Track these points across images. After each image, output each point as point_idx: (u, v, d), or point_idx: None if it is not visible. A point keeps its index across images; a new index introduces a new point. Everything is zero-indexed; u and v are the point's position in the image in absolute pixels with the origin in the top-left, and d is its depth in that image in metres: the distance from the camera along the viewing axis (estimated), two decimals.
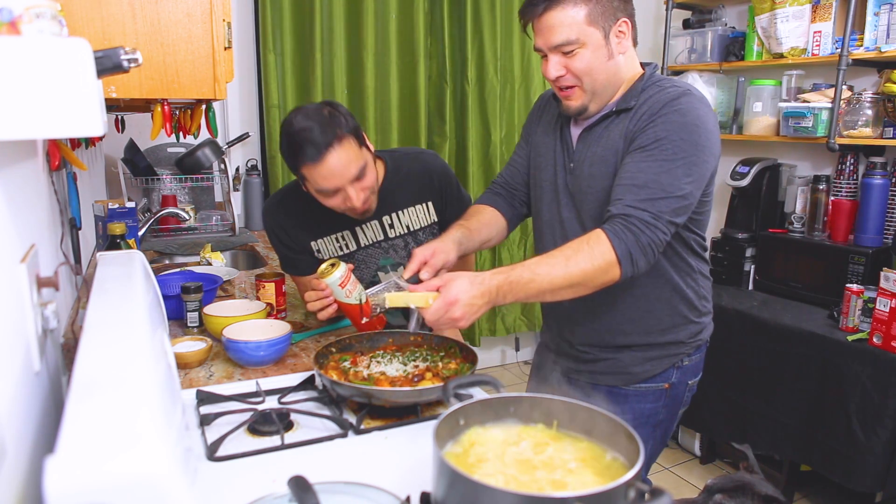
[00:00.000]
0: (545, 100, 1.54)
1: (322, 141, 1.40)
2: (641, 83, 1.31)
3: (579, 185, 1.37)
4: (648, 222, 1.17)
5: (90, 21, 1.14)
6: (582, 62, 1.25)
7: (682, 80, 1.34)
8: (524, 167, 1.55)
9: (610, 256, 1.16)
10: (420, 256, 1.31)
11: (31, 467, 0.74)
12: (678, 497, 2.29)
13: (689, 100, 1.24)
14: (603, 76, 1.28)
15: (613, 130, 1.31)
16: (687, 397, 1.50)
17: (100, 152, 2.88)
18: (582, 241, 1.18)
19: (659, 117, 1.23)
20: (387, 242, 1.68)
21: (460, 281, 1.12)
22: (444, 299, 1.11)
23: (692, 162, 1.21)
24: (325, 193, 1.48)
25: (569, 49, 1.24)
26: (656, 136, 1.22)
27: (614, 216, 1.19)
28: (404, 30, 3.23)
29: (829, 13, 2.56)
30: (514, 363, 3.97)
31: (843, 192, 2.58)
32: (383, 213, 1.64)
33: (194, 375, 1.38)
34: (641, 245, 1.17)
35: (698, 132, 1.22)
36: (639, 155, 1.23)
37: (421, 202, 1.67)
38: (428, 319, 1.13)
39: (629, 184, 1.21)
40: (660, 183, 1.19)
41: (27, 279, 0.82)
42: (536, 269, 1.15)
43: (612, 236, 1.16)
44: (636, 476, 0.70)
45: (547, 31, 1.25)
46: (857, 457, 2.10)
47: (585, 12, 1.22)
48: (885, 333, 2.05)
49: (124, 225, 1.69)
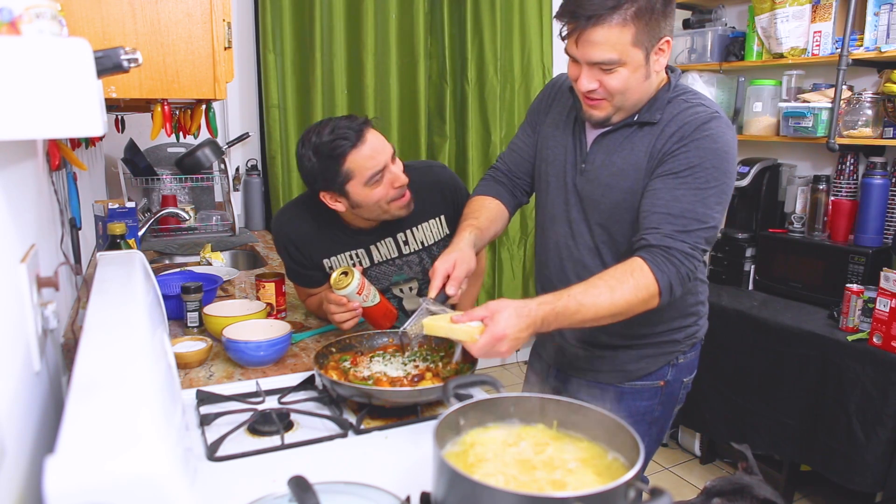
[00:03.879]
0: (556, 88, 1.48)
1: (355, 126, 1.43)
2: (666, 94, 1.28)
3: (592, 191, 1.35)
4: (687, 253, 1.19)
5: (90, 21, 1.14)
6: (618, 81, 1.21)
7: (705, 97, 1.32)
8: (528, 155, 1.51)
9: (653, 289, 1.17)
10: (442, 271, 1.27)
11: (31, 467, 0.74)
12: (678, 497, 2.29)
13: (719, 124, 1.24)
14: (636, 96, 1.25)
15: (637, 144, 1.29)
16: (682, 395, 1.50)
17: (100, 152, 2.88)
18: (625, 272, 1.17)
19: (691, 141, 1.22)
20: (401, 259, 1.66)
21: (506, 313, 1.08)
22: (491, 335, 1.07)
23: (722, 190, 1.23)
24: (373, 180, 1.44)
25: (608, 67, 1.19)
26: (689, 163, 1.22)
27: (654, 246, 1.19)
28: (404, 30, 3.23)
29: (829, 13, 2.56)
30: (514, 363, 3.97)
31: (843, 192, 2.58)
32: (398, 231, 1.62)
33: (194, 375, 1.38)
34: (681, 276, 1.19)
35: (727, 159, 1.23)
36: (671, 181, 1.22)
37: (434, 217, 1.65)
38: (475, 354, 1.10)
39: (665, 212, 1.21)
40: (695, 213, 1.20)
41: (27, 279, 0.82)
42: (582, 300, 1.14)
43: (655, 269, 1.17)
44: (636, 476, 0.71)
45: (589, 46, 1.18)
46: (857, 457, 2.10)
47: (632, 33, 1.16)
48: (885, 333, 2.05)
49: (124, 225, 1.69)
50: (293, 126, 3.09)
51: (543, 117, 1.48)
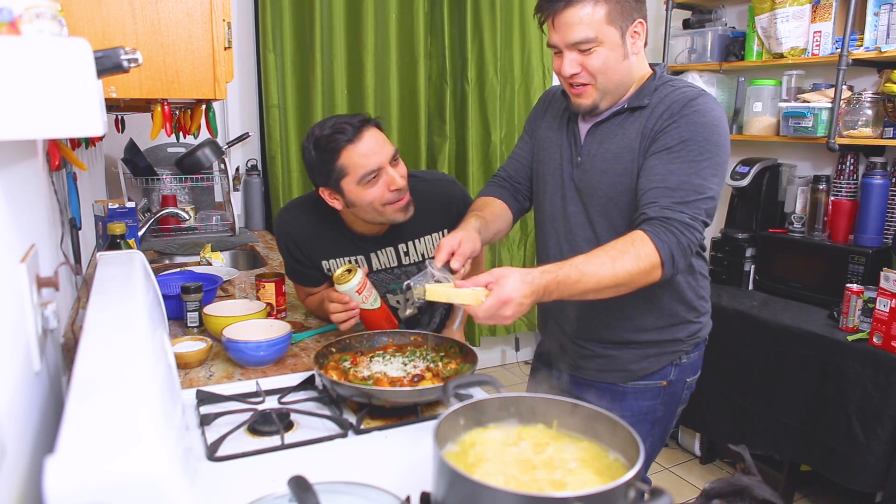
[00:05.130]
0: (550, 95, 1.53)
1: (355, 122, 1.43)
2: (653, 82, 1.33)
3: (588, 181, 1.37)
4: (687, 223, 1.20)
5: (90, 21, 1.14)
6: (598, 60, 1.26)
7: (691, 83, 1.35)
8: (527, 161, 1.54)
9: (654, 258, 1.17)
10: (447, 247, 1.27)
11: (31, 467, 0.74)
12: (678, 497, 2.28)
13: (706, 100, 1.27)
14: (617, 76, 1.29)
15: (629, 128, 1.32)
16: (686, 395, 1.50)
17: (100, 152, 2.88)
18: (626, 243, 1.18)
19: (680, 118, 1.25)
20: (400, 269, 1.65)
21: (513, 279, 1.09)
22: (497, 297, 1.08)
23: (716, 162, 1.24)
24: (367, 181, 1.43)
25: (586, 47, 1.24)
26: (681, 138, 1.24)
27: (652, 218, 1.20)
28: (404, 30, 3.23)
29: (829, 13, 2.56)
30: (514, 363, 3.97)
31: (843, 192, 2.58)
32: (399, 241, 1.62)
33: (194, 375, 1.38)
34: (682, 246, 1.19)
35: (718, 132, 1.25)
36: (665, 156, 1.24)
37: (438, 230, 1.63)
38: (479, 317, 1.10)
39: (661, 186, 1.22)
40: (691, 184, 1.21)
41: (27, 279, 0.82)
42: (584, 269, 1.14)
43: (656, 238, 1.18)
44: (636, 476, 0.70)
45: (566, 27, 1.24)
46: (857, 457, 2.10)
47: (605, 11, 1.22)
48: (885, 333, 2.05)
49: (124, 225, 1.69)
50: (293, 126, 3.09)
51: (539, 123, 1.52)
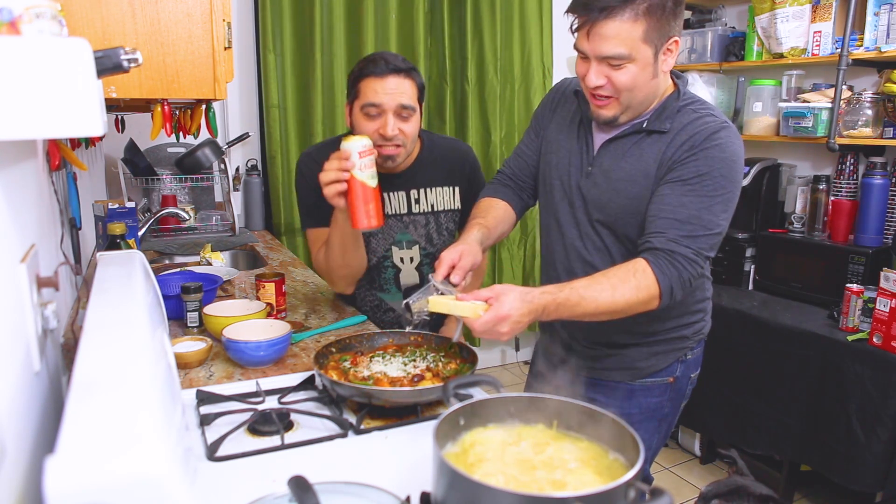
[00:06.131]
0: (561, 92, 1.49)
1: (395, 64, 1.53)
2: (675, 103, 1.30)
3: (598, 195, 1.36)
4: (691, 258, 1.21)
5: (90, 21, 1.14)
6: (626, 77, 1.21)
7: (713, 106, 1.33)
8: (533, 160, 1.52)
9: (654, 290, 1.19)
10: (448, 260, 1.27)
11: (31, 467, 0.74)
12: (678, 498, 2.29)
13: (728, 134, 1.26)
14: (643, 94, 1.26)
15: (646, 151, 1.30)
16: (688, 391, 1.52)
17: (100, 152, 2.88)
18: (628, 271, 1.19)
19: (701, 151, 1.24)
20: (409, 217, 1.71)
21: (512, 296, 1.10)
22: (495, 313, 1.09)
23: (728, 198, 1.25)
24: (366, 111, 1.53)
25: (617, 63, 1.20)
26: (698, 171, 1.23)
27: (658, 249, 1.21)
28: (404, 30, 3.23)
29: (829, 13, 2.56)
30: (514, 363, 3.97)
31: (843, 192, 2.58)
32: (411, 187, 1.69)
33: (194, 375, 1.38)
34: (683, 280, 1.21)
35: (735, 168, 1.25)
36: (679, 187, 1.24)
37: (449, 185, 1.72)
38: (476, 331, 1.12)
39: (671, 217, 1.22)
40: (701, 220, 1.22)
41: (27, 279, 0.82)
42: (584, 294, 1.16)
43: (658, 271, 1.19)
44: (636, 476, 0.70)
45: (600, 39, 1.18)
46: (857, 457, 2.10)
47: (643, 28, 1.17)
48: (885, 333, 2.05)
49: (124, 225, 1.69)
50: (293, 126, 3.09)
51: (547, 122, 1.50)
